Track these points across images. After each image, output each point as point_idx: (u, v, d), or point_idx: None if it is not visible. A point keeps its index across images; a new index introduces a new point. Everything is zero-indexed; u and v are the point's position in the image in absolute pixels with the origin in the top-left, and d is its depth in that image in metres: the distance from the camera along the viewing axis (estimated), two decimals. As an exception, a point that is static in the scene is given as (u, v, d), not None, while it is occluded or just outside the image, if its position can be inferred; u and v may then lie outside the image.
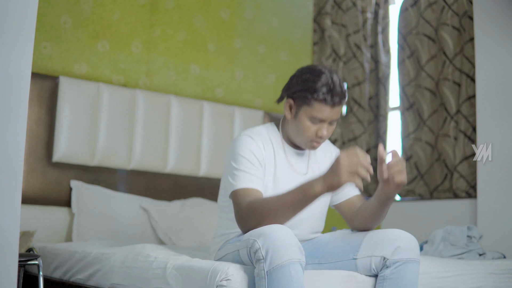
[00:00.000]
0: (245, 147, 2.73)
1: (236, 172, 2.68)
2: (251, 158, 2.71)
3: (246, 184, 2.65)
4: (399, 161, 2.49)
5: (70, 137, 4.41)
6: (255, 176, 2.68)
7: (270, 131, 2.88)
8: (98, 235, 4.25)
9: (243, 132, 2.84)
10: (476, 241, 3.69)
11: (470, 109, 4.82)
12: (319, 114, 2.68)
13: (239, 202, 2.61)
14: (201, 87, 5.23)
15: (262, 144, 2.78)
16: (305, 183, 2.44)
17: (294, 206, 2.45)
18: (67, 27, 4.61)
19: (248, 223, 2.53)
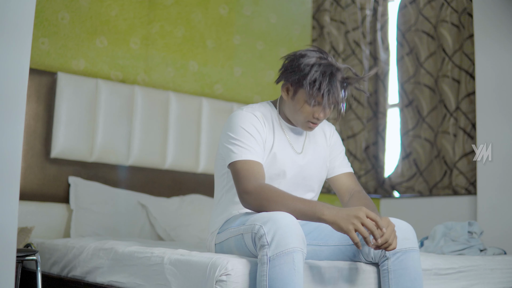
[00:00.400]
0: (247, 121, 2.73)
1: (237, 143, 2.68)
2: (253, 131, 2.71)
3: (248, 155, 2.65)
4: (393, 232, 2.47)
5: (68, 133, 4.38)
6: (255, 150, 2.68)
7: (268, 109, 2.88)
8: (96, 231, 4.24)
9: (240, 108, 2.82)
10: (477, 236, 3.68)
11: (470, 106, 4.83)
12: (316, 98, 2.67)
13: (243, 175, 2.61)
14: (200, 83, 5.21)
15: (262, 120, 2.78)
16: (320, 202, 2.46)
17: (300, 213, 2.46)
18: (65, 23, 4.59)
19: (255, 201, 2.54)
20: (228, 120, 2.79)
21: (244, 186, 2.58)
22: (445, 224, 3.81)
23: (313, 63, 2.66)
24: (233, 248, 2.65)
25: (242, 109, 2.80)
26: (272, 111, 2.87)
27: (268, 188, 2.53)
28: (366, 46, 5.75)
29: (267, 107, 2.88)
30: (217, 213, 2.87)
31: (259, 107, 2.86)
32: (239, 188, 2.60)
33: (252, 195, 2.54)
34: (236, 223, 2.66)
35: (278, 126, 2.85)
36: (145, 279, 2.82)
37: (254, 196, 2.54)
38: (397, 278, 2.56)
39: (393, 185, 5.41)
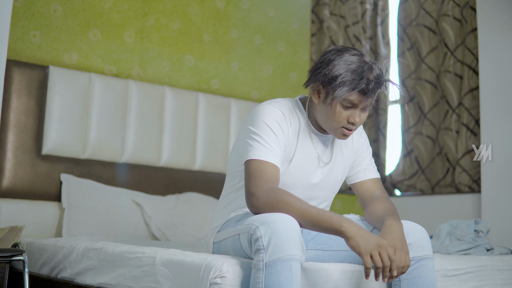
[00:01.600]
0: (272, 117, 2.54)
1: (257, 139, 2.49)
2: (277, 130, 2.52)
3: (267, 156, 2.46)
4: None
5: (60, 129, 4.32)
6: (276, 152, 2.50)
7: (298, 109, 2.67)
8: (89, 231, 4.16)
9: (268, 102, 2.62)
10: (484, 235, 3.59)
11: (473, 102, 4.79)
12: (353, 100, 2.47)
13: (256, 176, 2.43)
14: (196, 78, 5.15)
15: (289, 121, 2.59)
16: (338, 214, 2.31)
17: (313, 223, 2.31)
18: (57, 15, 4.52)
19: (262, 206, 2.37)
20: (252, 113, 2.61)
21: (253, 189, 2.41)
22: (450, 223, 3.72)
23: (346, 59, 2.48)
24: (230, 249, 2.53)
25: (270, 103, 2.60)
26: (301, 113, 2.67)
27: (278, 192, 2.37)
28: (366, 41, 5.69)
29: (297, 108, 2.68)
30: (220, 209, 2.74)
31: (287, 105, 2.65)
32: (248, 189, 2.43)
33: (260, 199, 2.38)
34: (235, 222, 2.54)
35: (305, 131, 2.65)
36: (135, 281, 2.72)
37: (262, 200, 2.37)
38: (409, 287, 2.44)
39: (395, 183, 5.35)
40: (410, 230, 2.49)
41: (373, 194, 2.76)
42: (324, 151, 2.70)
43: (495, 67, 4.56)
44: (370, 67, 2.47)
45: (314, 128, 2.67)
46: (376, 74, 2.46)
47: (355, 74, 2.44)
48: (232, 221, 2.60)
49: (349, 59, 2.47)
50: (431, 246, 2.50)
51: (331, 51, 2.54)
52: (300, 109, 2.68)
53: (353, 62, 2.46)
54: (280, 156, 2.51)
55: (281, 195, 2.35)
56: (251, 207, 2.41)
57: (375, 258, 2.20)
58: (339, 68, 2.46)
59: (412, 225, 2.52)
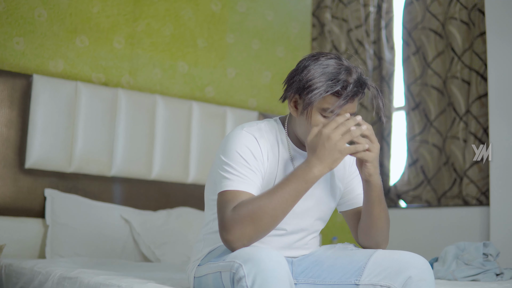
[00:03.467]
0: (243, 144, 2.34)
1: (229, 169, 2.30)
2: (248, 157, 2.32)
3: (239, 185, 2.27)
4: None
5: (45, 142, 4.21)
6: (250, 180, 2.30)
7: (275, 129, 2.47)
8: (74, 250, 4.03)
9: (241, 126, 2.42)
10: (493, 259, 3.41)
11: (481, 109, 4.68)
12: (334, 109, 2.27)
13: (222, 207, 2.25)
14: (190, 86, 5.07)
15: (266, 147, 2.39)
16: (298, 169, 2.22)
17: (293, 197, 2.20)
18: (42, 21, 4.43)
19: (234, 232, 2.17)
20: (223, 141, 2.41)
21: (220, 220, 2.23)
22: (457, 245, 3.54)
23: (321, 63, 2.30)
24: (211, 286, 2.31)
25: (243, 127, 2.40)
26: (279, 132, 2.47)
27: (244, 207, 2.19)
28: (369, 45, 5.61)
29: (274, 127, 2.48)
30: (201, 239, 2.54)
31: (264, 127, 2.45)
32: (218, 225, 2.25)
33: (229, 229, 2.18)
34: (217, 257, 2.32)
35: (285, 152, 2.45)
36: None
37: (231, 228, 2.18)
38: None
39: (399, 194, 5.25)
40: (411, 262, 2.28)
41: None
42: None
43: (504, 73, 4.45)
44: (348, 69, 2.29)
45: (297, 148, 2.48)
46: (355, 77, 2.28)
47: (330, 76, 2.26)
48: (214, 254, 2.39)
49: (325, 62, 2.30)
50: (433, 280, 2.29)
51: (306, 58, 2.37)
52: (279, 130, 2.48)
53: (329, 65, 2.29)
54: (255, 183, 2.31)
55: (244, 208, 2.18)
56: (224, 243, 2.22)
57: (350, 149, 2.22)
58: (314, 73, 2.28)
59: (412, 257, 2.30)
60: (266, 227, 2.18)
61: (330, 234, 5.17)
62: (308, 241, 2.56)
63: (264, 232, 2.19)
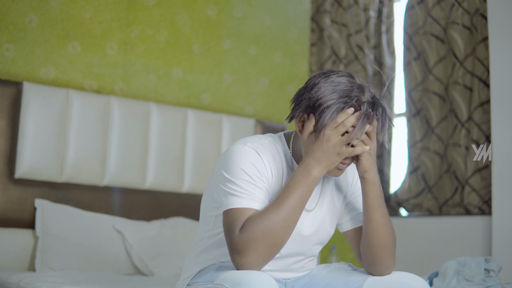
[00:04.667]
0: (248, 160, 2.22)
1: (234, 187, 2.18)
2: (253, 173, 2.20)
3: (245, 203, 2.16)
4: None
5: (35, 151, 4.15)
6: (257, 197, 2.18)
7: (279, 147, 2.36)
8: (65, 262, 3.96)
9: (243, 140, 2.31)
10: (495, 275, 3.34)
11: (483, 116, 4.66)
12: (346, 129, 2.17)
13: (230, 228, 2.13)
14: (185, 93, 5.03)
15: (269, 163, 2.28)
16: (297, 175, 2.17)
17: (300, 204, 2.15)
18: (33, 27, 4.38)
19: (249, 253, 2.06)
20: (224, 155, 2.29)
21: (230, 243, 2.11)
22: (458, 260, 3.49)
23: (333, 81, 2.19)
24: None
25: (245, 143, 2.28)
26: (284, 150, 2.36)
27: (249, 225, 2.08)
28: (370, 51, 5.58)
29: (278, 145, 2.36)
30: (192, 257, 2.44)
31: (268, 143, 2.33)
32: (228, 247, 2.13)
33: (243, 251, 2.06)
34: (205, 278, 2.22)
35: (289, 172, 2.34)
36: None
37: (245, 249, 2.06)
38: None
39: (400, 202, 5.22)
40: (410, 282, 2.21)
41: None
42: (312, 198, 2.40)
43: (507, 79, 4.42)
44: (361, 88, 2.18)
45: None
46: (369, 96, 2.17)
47: (343, 93, 2.15)
48: (203, 274, 2.29)
49: (337, 80, 2.19)
50: None
51: (315, 75, 2.26)
52: (284, 147, 2.37)
53: (341, 83, 2.18)
54: (262, 199, 2.19)
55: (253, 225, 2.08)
56: (238, 266, 2.10)
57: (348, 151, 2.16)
58: (325, 90, 2.18)
59: (411, 278, 2.23)
60: (281, 240, 2.09)
61: (329, 243, 5.08)
62: (305, 264, 2.46)
63: (279, 246, 2.10)
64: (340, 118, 2.12)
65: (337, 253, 5.06)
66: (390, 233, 2.31)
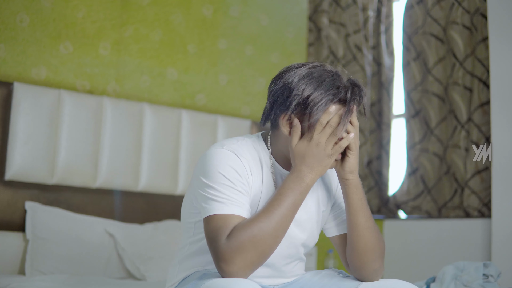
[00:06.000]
0: (227, 164, 2.13)
1: (213, 192, 2.10)
2: (234, 178, 2.12)
3: (228, 209, 2.07)
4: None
5: (26, 152, 4.11)
6: (238, 201, 2.11)
7: (258, 148, 2.28)
8: (56, 265, 3.90)
9: (220, 143, 2.23)
10: (494, 280, 3.30)
11: (483, 117, 4.64)
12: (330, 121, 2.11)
13: (215, 236, 2.04)
14: (180, 93, 4.99)
15: (249, 165, 2.20)
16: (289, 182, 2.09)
17: (292, 212, 2.07)
18: (24, 26, 4.33)
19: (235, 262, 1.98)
20: (202, 159, 2.21)
21: (215, 251, 2.03)
22: (456, 265, 3.45)
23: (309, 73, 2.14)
24: None
25: (222, 145, 2.19)
26: (262, 151, 2.28)
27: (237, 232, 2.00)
28: (368, 51, 5.54)
29: (256, 146, 2.28)
30: (176, 263, 2.38)
31: (245, 144, 2.25)
32: (212, 255, 2.05)
33: (230, 260, 1.98)
34: (189, 286, 2.14)
35: (269, 174, 2.27)
36: None
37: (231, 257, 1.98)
38: None
39: (398, 204, 5.19)
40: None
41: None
42: None
43: (507, 80, 4.40)
44: (337, 75, 2.14)
45: (282, 168, 2.28)
46: (346, 79, 2.14)
47: (327, 85, 2.10)
48: (187, 282, 2.22)
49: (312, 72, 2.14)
50: None
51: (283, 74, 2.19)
52: (262, 147, 2.29)
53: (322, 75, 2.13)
54: (244, 204, 2.12)
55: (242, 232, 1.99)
56: (223, 274, 2.02)
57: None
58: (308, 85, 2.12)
59: (403, 285, 2.17)
60: (269, 249, 2.02)
61: (326, 246, 5.04)
62: (292, 268, 2.39)
63: (267, 255, 2.03)
64: (325, 119, 2.07)
65: (334, 257, 5.02)
66: (377, 236, 2.25)
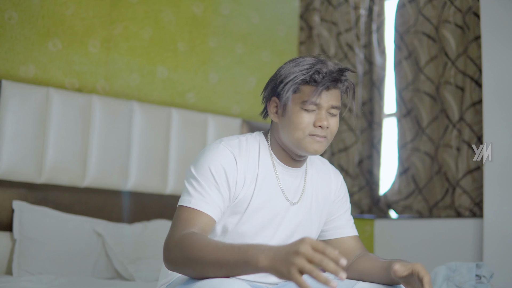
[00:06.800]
0: (219, 162, 2.18)
1: (194, 183, 2.16)
2: (220, 178, 2.17)
3: (200, 204, 2.11)
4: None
5: (13, 151, 4.05)
6: (212, 201, 2.14)
7: (257, 143, 2.33)
8: (43, 265, 3.84)
9: (220, 140, 2.28)
10: (487, 281, 3.28)
11: (475, 117, 4.65)
12: (313, 98, 2.15)
13: (175, 224, 2.09)
14: (169, 92, 4.93)
15: (243, 165, 2.23)
16: (252, 247, 1.84)
17: (230, 267, 1.88)
18: (12, 23, 4.27)
19: (172, 257, 2.02)
20: (201, 152, 2.27)
21: (167, 240, 2.07)
22: (448, 266, 3.43)
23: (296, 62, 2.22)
24: None
25: (221, 141, 2.26)
26: (262, 146, 2.32)
27: (189, 238, 1.99)
28: (360, 50, 5.52)
29: (256, 141, 2.33)
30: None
31: (245, 141, 2.30)
32: (166, 238, 2.10)
33: (171, 251, 2.02)
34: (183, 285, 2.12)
35: (268, 166, 2.29)
36: None
37: (173, 252, 2.01)
38: None
39: (389, 204, 5.19)
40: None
41: (355, 253, 2.45)
42: (293, 187, 2.34)
43: (500, 79, 4.40)
44: (323, 62, 2.18)
45: (280, 162, 2.31)
46: (331, 66, 2.18)
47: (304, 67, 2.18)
48: (181, 280, 2.20)
49: (300, 60, 2.23)
50: None
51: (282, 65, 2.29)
52: (262, 141, 2.34)
53: (304, 61, 2.21)
54: (218, 205, 2.15)
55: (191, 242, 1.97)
56: (165, 264, 2.07)
57: (306, 270, 1.70)
58: (287, 69, 2.22)
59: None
60: (194, 276, 2.00)
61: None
62: None
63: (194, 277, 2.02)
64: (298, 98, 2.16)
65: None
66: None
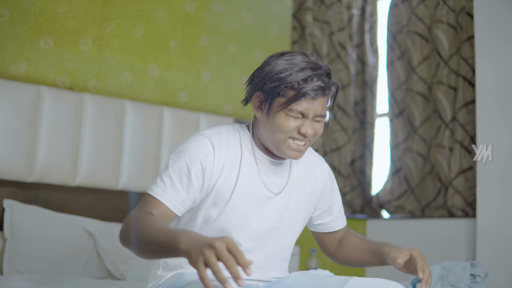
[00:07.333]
0: (196, 154, 2.16)
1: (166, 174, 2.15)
2: (195, 172, 2.15)
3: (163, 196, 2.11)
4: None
5: (4, 149, 4.02)
6: (179, 196, 2.13)
7: (238, 134, 2.28)
8: (34, 265, 3.81)
9: (206, 131, 2.25)
10: (481, 280, 3.25)
11: (468, 117, 4.65)
12: (299, 107, 2.10)
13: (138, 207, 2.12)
14: (161, 90, 4.89)
15: (222, 157, 2.20)
16: (182, 232, 1.84)
17: (160, 248, 1.88)
18: (3, 21, 4.24)
19: (122, 232, 2.06)
20: (182, 143, 2.25)
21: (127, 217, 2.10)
22: (443, 265, 3.39)
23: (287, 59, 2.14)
24: None
25: (204, 133, 2.22)
26: (244, 137, 2.28)
27: (141, 218, 2.00)
28: (352, 49, 5.51)
29: (236, 131, 2.29)
30: (158, 264, 2.35)
31: (225, 132, 2.26)
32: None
33: (123, 227, 2.06)
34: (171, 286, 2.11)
35: (249, 157, 2.26)
36: None
37: (124, 228, 2.05)
38: None
39: (382, 204, 5.19)
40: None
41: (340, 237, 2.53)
42: (276, 178, 2.30)
43: (493, 79, 4.40)
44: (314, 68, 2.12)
45: (264, 154, 2.28)
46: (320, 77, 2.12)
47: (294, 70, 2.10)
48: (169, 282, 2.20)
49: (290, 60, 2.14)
50: None
51: (269, 56, 2.23)
52: (244, 132, 2.31)
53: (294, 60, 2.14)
54: (183, 200, 2.14)
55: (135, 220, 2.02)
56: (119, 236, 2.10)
57: (210, 264, 1.70)
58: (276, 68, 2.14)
59: (390, 285, 2.15)
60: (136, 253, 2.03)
61: (308, 246, 4.99)
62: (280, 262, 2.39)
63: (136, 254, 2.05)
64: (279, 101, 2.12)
65: (316, 256, 4.98)
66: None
